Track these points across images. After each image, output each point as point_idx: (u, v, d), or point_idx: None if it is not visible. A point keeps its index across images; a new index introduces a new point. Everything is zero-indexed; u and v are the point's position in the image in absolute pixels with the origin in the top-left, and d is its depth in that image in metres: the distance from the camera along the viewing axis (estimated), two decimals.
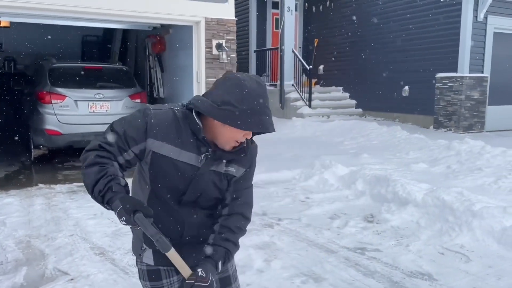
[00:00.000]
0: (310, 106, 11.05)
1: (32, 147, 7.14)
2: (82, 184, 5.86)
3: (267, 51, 12.79)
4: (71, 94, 6.92)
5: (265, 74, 12.94)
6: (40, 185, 5.89)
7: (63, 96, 6.87)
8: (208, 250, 1.66)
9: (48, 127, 6.75)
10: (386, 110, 10.89)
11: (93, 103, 7.01)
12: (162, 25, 8.02)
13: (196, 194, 1.66)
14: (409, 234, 4.09)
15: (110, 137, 1.58)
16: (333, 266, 3.47)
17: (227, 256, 1.70)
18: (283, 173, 6.44)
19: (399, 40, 10.48)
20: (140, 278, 1.78)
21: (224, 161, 1.65)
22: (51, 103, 6.81)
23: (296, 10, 12.27)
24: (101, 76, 7.49)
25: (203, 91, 6.59)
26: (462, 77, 9.03)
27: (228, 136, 1.57)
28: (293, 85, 11.59)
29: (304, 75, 11.60)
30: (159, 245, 1.49)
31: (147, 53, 9.40)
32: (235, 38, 6.72)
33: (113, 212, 1.46)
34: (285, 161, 7.28)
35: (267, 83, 12.62)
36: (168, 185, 1.63)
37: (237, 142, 1.60)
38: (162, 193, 1.66)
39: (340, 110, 11.53)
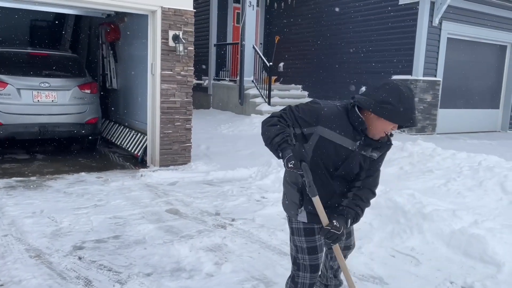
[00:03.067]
0: (269, 103, 10.97)
1: None
2: (22, 179, 5.48)
3: (228, 46, 12.58)
4: (14, 81, 6.43)
5: (225, 69, 12.74)
6: None
7: (4, 84, 6.37)
8: (342, 210, 2.16)
9: None
10: None
11: (38, 92, 6.54)
12: (117, 13, 7.63)
13: (346, 171, 2.17)
14: (362, 235, 4.07)
15: (289, 113, 2.09)
16: (285, 269, 3.37)
17: (355, 218, 2.20)
18: (240, 171, 6.31)
19: (358, 42, 10.61)
20: (294, 234, 2.29)
21: (370, 148, 2.13)
22: None
23: (257, 5, 12.13)
24: (48, 63, 7.00)
25: (157, 84, 6.31)
26: (416, 80, 9.27)
27: (380, 128, 2.04)
28: (253, 81, 11.47)
29: (264, 72, 11.50)
30: (311, 191, 2.04)
31: (100, 42, 8.94)
32: (193, 30, 6.47)
33: (49, 210, 3.36)
34: (242, 158, 7.15)
35: (226, 79, 12.43)
36: (326, 162, 2.14)
37: (385, 133, 2.08)
38: (318, 168, 2.15)
39: None
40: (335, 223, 2.08)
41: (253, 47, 11.26)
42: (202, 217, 4.51)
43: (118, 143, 7.85)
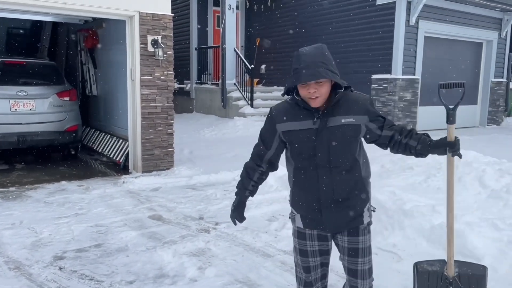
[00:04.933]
0: (252, 105, 10.99)
1: None
2: (1, 190, 5.43)
3: (209, 49, 12.56)
4: None
5: (206, 72, 12.71)
6: None
7: None
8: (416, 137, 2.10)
9: None
10: None
11: (15, 101, 6.43)
12: (95, 19, 7.56)
13: (325, 152, 2.00)
14: None
15: (256, 145, 2.21)
16: (268, 271, 3.38)
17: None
18: (223, 175, 6.30)
19: (337, 42, 10.71)
20: (293, 235, 2.27)
21: (339, 116, 2.00)
22: None
23: (237, 8, 12.15)
24: (25, 72, 6.89)
25: (137, 89, 6.27)
26: (395, 79, 9.40)
27: (302, 94, 1.97)
28: (235, 84, 11.47)
29: (246, 74, 11.52)
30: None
31: (78, 48, 8.84)
32: (171, 34, 6.44)
33: (28, 221, 3.54)
34: (225, 161, 7.14)
35: (208, 82, 12.40)
36: (302, 152, 2.04)
37: (310, 98, 1.95)
38: (301, 163, 2.07)
39: None
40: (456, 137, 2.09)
41: (234, 50, 11.27)
42: (185, 222, 4.49)
43: (100, 150, 7.76)
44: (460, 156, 2.08)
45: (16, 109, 6.44)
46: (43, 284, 3.15)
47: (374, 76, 9.73)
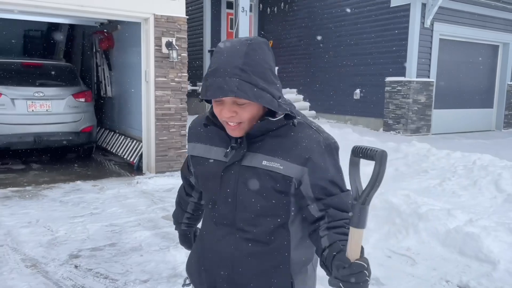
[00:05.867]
0: None
1: None
2: (18, 189, 5.49)
3: None
4: (8, 91, 6.42)
5: None
6: None
7: None
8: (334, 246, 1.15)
9: None
10: (338, 113, 11.06)
11: (32, 102, 6.54)
12: (110, 21, 7.66)
13: (229, 203, 1.28)
14: None
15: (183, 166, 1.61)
16: None
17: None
18: None
19: (351, 44, 10.68)
20: None
21: (262, 155, 1.24)
22: None
23: (250, 11, 12.19)
24: (42, 73, 7.01)
25: (152, 91, 6.33)
26: (409, 82, 9.33)
27: (216, 114, 1.23)
28: None
29: None
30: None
31: (94, 50, 8.96)
32: (186, 36, 6.50)
33: (44, 220, 3.22)
34: None
35: None
36: (205, 193, 1.41)
37: (226, 122, 1.22)
38: (206, 209, 1.42)
39: None
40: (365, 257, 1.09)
41: None
42: None
43: (114, 151, 7.85)
44: None
45: (33, 110, 6.55)
46: (59, 281, 3.19)
47: (388, 79, 9.67)
